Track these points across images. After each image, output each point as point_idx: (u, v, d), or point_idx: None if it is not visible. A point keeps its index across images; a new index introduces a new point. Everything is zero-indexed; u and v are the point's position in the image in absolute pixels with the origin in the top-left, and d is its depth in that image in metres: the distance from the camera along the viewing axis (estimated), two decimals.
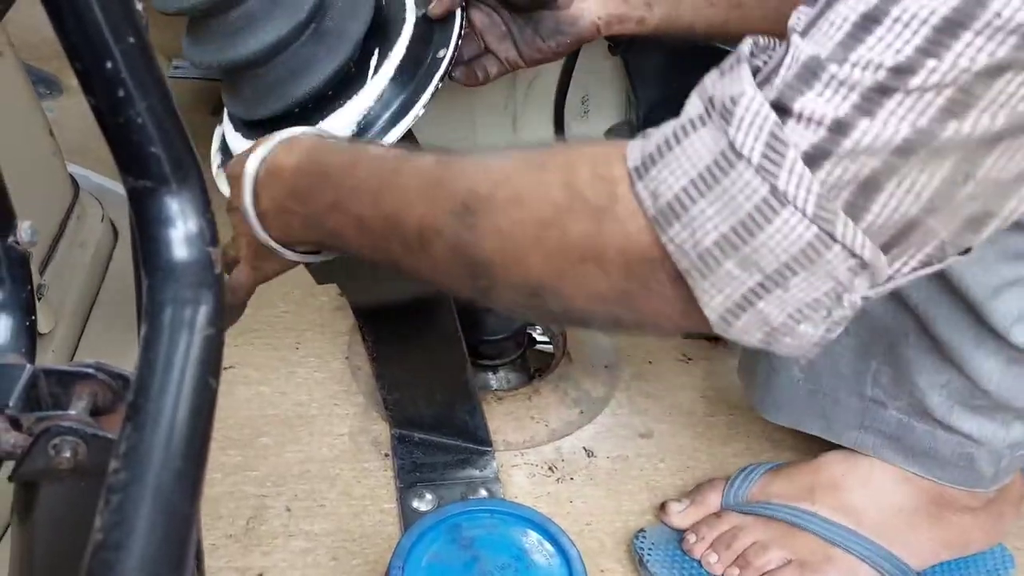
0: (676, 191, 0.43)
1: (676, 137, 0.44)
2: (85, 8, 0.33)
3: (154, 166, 0.37)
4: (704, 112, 0.43)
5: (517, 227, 0.48)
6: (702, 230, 0.43)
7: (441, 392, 0.88)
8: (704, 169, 0.42)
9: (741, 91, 0.42)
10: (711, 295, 0.44)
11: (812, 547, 0.77)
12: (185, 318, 0.36)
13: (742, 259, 0.43)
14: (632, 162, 0.45)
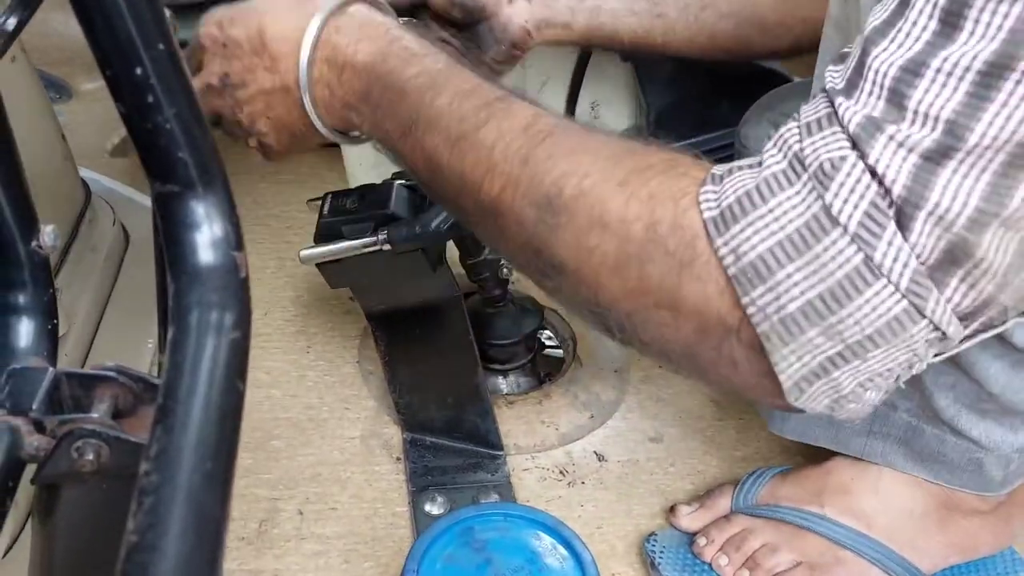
0: (761, 252, 0.42)
1: (760, 194, 0.42)
2: (116, 16, 0.33)
3: (181, 171, 0.37)
4: (790, 169, 0.42)
5: (597, 251, 0.46)
6: (788, 295, 0.42)
7: (453, 396, 0.89)
8: (794, 232, 0.41)
9: (842, 156, 0.41)
10: (789, 362, 0.43)
11: (822, 549, 0.77)
12: (212, 321, 0.36)
13: (827, 327, 0.42)
14: (708, 212, 0.43)
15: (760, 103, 0.90)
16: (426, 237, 0.74)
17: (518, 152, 0.49)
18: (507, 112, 0.51)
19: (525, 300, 0.98)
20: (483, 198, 0.51)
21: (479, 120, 0.51)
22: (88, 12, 0.33)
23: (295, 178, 1.30)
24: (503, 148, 0.50)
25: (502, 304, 0.93)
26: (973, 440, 0.72)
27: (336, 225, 0.75)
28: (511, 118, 0.51)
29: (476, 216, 0.53)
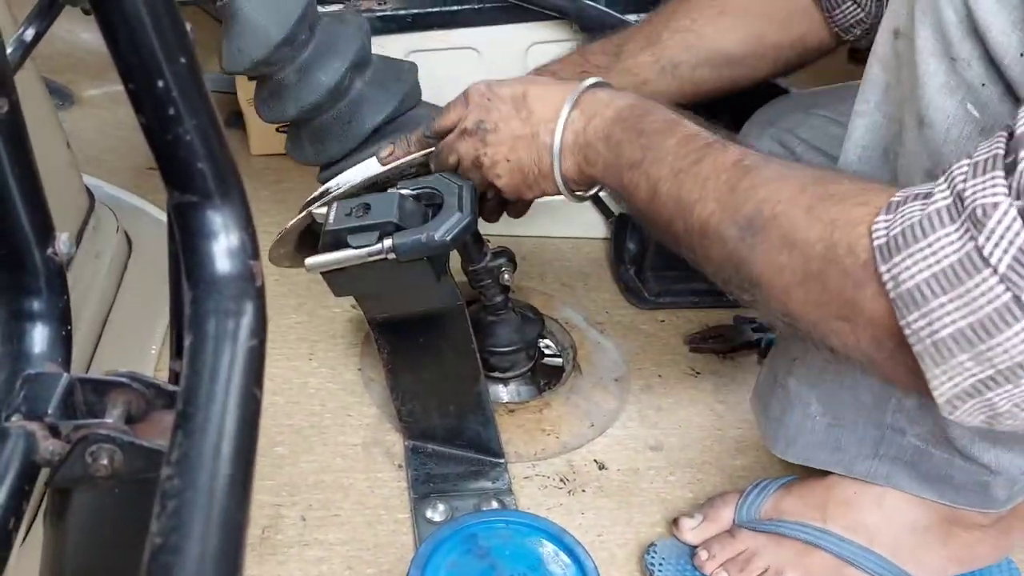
0: (918, 281, 0.47)
1: (923, 228, 0.47)
2: (140, 30, 0.34)
3: (200, 181, 0.38)
4: (952, 207, 0.46)
5: (787, 267, 0.53)
6: (940, 322, 0.46)
7: (455, 404, 0.89)
8: (948, 267, 0.46)
9: (995, 202, 0.44)
10: (941, 381, 0.48)
11: (826, 566, 0.78)
12: (229, 329, 0.37)
13: (977, 354, 0.46)
14: (878, 240, 0.49)
15: (760, 117, 0.91)
16: (431, 247, 0.75)
17: (727, 182, 0.58)
18: (721, 151, 0.60)
19: (526, 308, 0.99)
20: (694, 221, 0.59)
21: (698, 156, 0.61)
22: (113, 26, 0.34)
23: (297, 186, 1.31)
24: (715, 179, 0.59)
25: (503, 312, 0.94)
26: (983, 464, 0.72)
27: (341, 234, 0.76)
28: (724, 155, 0.60)
29: (685, 238, 0.61)
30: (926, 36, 0.57)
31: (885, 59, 0.65)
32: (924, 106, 0.58)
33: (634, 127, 0.66)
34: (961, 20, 0.54)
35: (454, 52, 1.05)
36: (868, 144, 0.68)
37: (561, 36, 1.05)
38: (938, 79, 0.57)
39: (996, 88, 0.54)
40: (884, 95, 0.66)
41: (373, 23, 1.02)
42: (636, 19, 1.02)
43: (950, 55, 0.56)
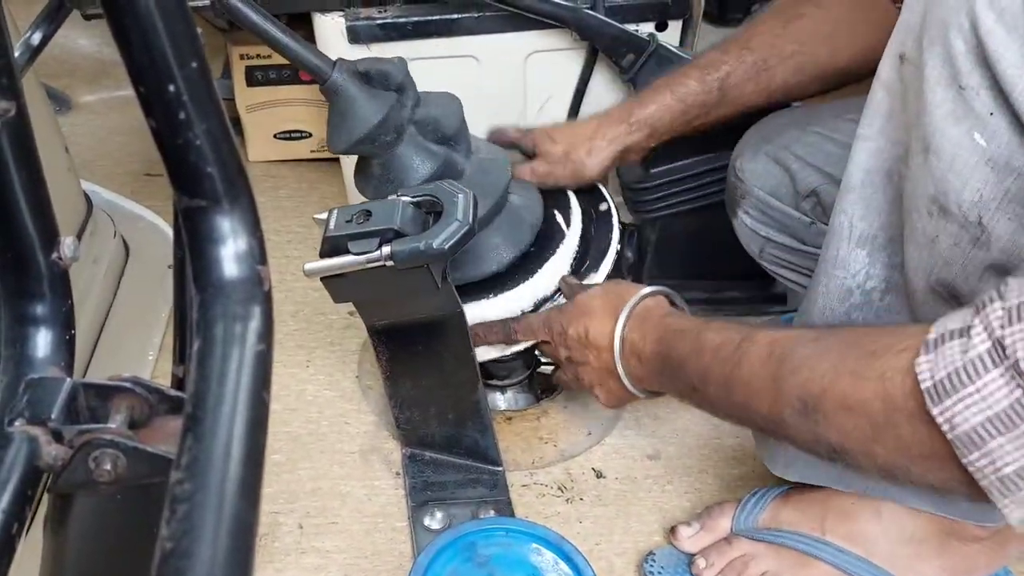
0: (973, 424, 0.50)
1: (968, 373, 0.50)
2: (152, 34, 0.34)
3: (209, 186, 0.38)
4: (994, 352, 0.49)
5: (854, 430, 0.56)
6: (1001, 460, 0.50)
7: (453, 412, 0.89)
8: (1001, 412, 0.49)
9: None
10: (1011, 509, 0.51)
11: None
12: (237, 333, 0.37)
13: None
14: (924, 382, 0.51)
15: (755, 134, 0.91)
16: (429, 254, 0.75)
17: (768, 376, 0.62)
18: (751, 346, 0.64)
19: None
20: (759, 419, 0.64)
21: (737, 363, 0.65)
22: (125, 30, 0.34)
23: (295, 193, 1.31)
24: (759, 380, 0.63)
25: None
26: None
27: (342, 240, 0.76)
28: (757, 348, 0.64)
29: (765, 429, 0.65)
30: (934, 64, 0.57)
31: (890, 84, 0.65)
32: (930, 134, 0.58)
33: (674, 362, 0.72)
34: (971, 50, 0.54)
35: (454, 60, 1.06)
36: (871, 168, 0.67)
37: (560, 45, 1.06)
38: (945, 107, 0.57)
39: (1004, 118, 0.54)
40: (888, 120, 0.66)
41: (373, 30, 1.02)
42: (636, 29, 1.03)
43: (958, 83, 0.56)
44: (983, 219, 0.57)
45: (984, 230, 0.58)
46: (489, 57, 1.06)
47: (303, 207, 1.27)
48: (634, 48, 1.03)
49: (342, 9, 1.03)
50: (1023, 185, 0.55)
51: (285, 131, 1.34)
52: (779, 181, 0.85)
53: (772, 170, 0.85)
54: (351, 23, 1.02)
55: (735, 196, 0.89)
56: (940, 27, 0.56)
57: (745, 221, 0.89)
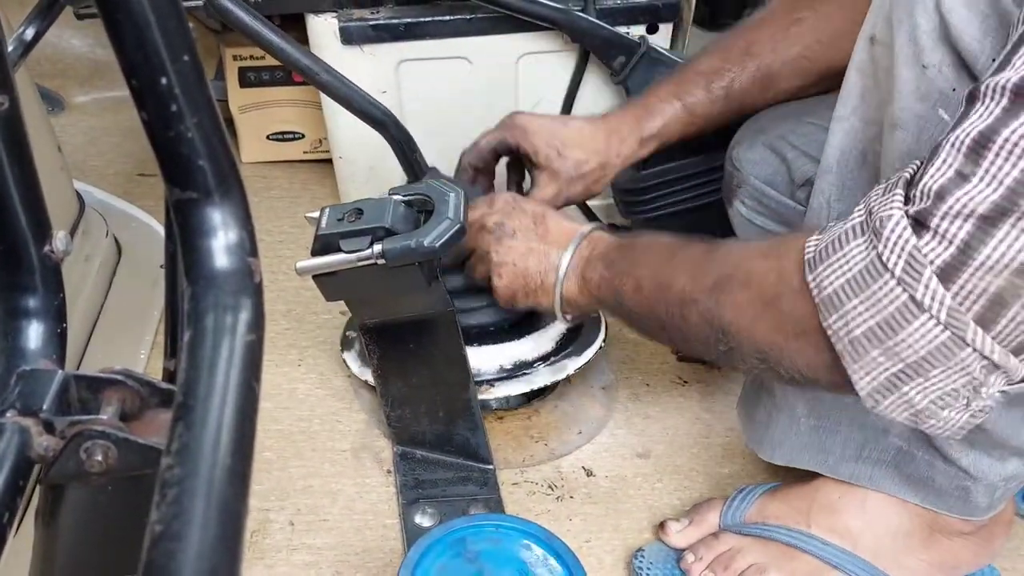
0: (835, 287, 0.53)
1: (840, 241, 0.53)
2: (145, 27, 0.34)
3: (200, 178, 0.38)
4: (864, 222, 0.52)
5: (747, 303, 0.60)
6: (853, 322, 0.52)
7: (444, 410, 0.90)
8: (857, 273, 0.52)
9: (890, 214, 0.50)
10: (859, 376, 0.53)
11: (810, 569, 0.78)
12: (227, 324, 0.37)
13: (886, 349, 0.51)
14: (808, 254, 0.55)
15: (752, 125, 0.92)
16: (420, 252, 0.75)
17: (696, 261, 0.66)
18: (695, 245, 0.68)
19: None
20: (671, 297, 0.66)
21: (673, 251, 0.69)
22: (118, 23, 0.35)
23: (287, 194, 1.32)
24: (687, 263, 0.67)
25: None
26: (962, 468, 0.73)
27: (333, 238, 0.76)
28: (695, 247, 0.68)
29: (666, 316, 0.67)
30: (902, 43, 0.60)
31: (862, 65, 0.68)
32: (898, 110, 0.61)
33: (628, 246, 0.75)
34: (934, 28, 0.57)
35: (445, 61, 1.06)
36: (846, 148, 0.70)
37: (552, 47, 1.06)
38: (911, 85, 0.60)
39: (965, 93, 0.56)
40: (861, 100, 0.68)
41: (366, 32, 1.03)
42: (627, 31, 1.04)
43: (922, 62, 0.58)
44: None
45: None
46: (481, 59, 1.06)
47: (295, 207, 1.27)
48: (625, 50, 1.04)
49: (335, 10, 1.04)
50: None
51: (278, 132, 1.34)
52: (775, 170, 0.86)
53: (768, 159, 0.86)
54: (344, 24, 1.03)
55: (732, 185, 0.90)
56: (906, 7, 0.59)
57: (741, 211, 0.90)
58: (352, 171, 1.17)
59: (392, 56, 1.05)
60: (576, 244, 0.78)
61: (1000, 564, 0.83)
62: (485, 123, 1.10)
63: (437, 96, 1.09)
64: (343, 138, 1.14)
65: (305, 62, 0.88)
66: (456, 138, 1.11)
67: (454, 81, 1.08)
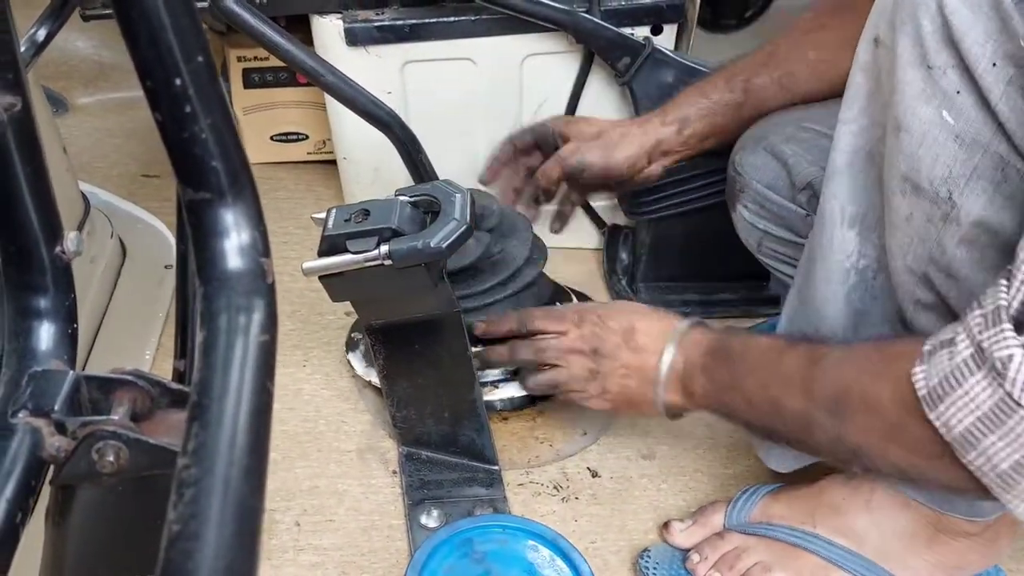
0: (966, 425, 0.53)
1: (955, 379, 0.54)
2: (160, 30, 0.35)
3: (213, 179, 0.38)
4: (975, 358, 0.53)
5: (873, 429, 0.60)
6: (996, 457, 0.53)
7: (449, 411, 0.90)
8: (988, 411, 0.52)
9: (1010, 355, 0.51)
10: (1015, 504, 0.55)
11: (814, 568, 0.78)
12: (241, 324, 0.38)
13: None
14: (920, 391, 0.55)
15: (754, 131, 0.92)
16: (427, 253, 0.76)
17: (805, 377, 0.65)
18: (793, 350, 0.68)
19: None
20: (788, 416, 0.67)
21: (778, 361, 0.68)
22: (132, 25, 0.35)
23: (291, 195, 1.32)
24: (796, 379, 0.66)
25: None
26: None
27: (340, 239, 0.77)
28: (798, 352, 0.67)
29: (786, 432, 0.68)
30: (904, 45, 0.60)
31: (866, 67, 0.68)
32: (901, 113, 0.61)
33: (724, 355, 0.74)
34: (937, 30, 0.57)
35: (451, 62, 1.06)
36: (854, 149, 0.70)
37: (557, 48, 1.07)
38: (915, 87, 0.60)
39: (970, 96, 0.57)
40: (867, 101, 0.68)
41: (371, 33, 1.03)
42: (631, 32, 1.04)
43: (927, 64, 0.58)
44: (953, 195, 0.60)
45: (955, 206, 0.60)
46: (486, 60, 1.07)
47: (300, 208, 1.27)
48: (630, 51, 1.04)
49: (340, 11, 1.04)
50: (990, 161, 0.58)
51: (282, 133, 1.34)
52: (776, 174, 0.86)
53: (770, 164, 0.87)
54: (349, 25, 1.03)
55: (734, 190, 0.91)
56: (910, 8, 0.59)
57: (743, 215, 0.90)
58: (356, 172, 1.17)
59: (397, 57, 1.05)
60: (671, 356, 0.77)
61: (1006, 566, 0.83)
62: (489, 124, 1.11)
63: (442, 97, 1.09)
64: (348, 139, 1.14)
65: (310, 64, 0.88)
66: (461, 139, 1.11)
67: (459, 82, 1.08)
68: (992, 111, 0.56)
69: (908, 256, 0.66)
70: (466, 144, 1.12)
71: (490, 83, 1.08)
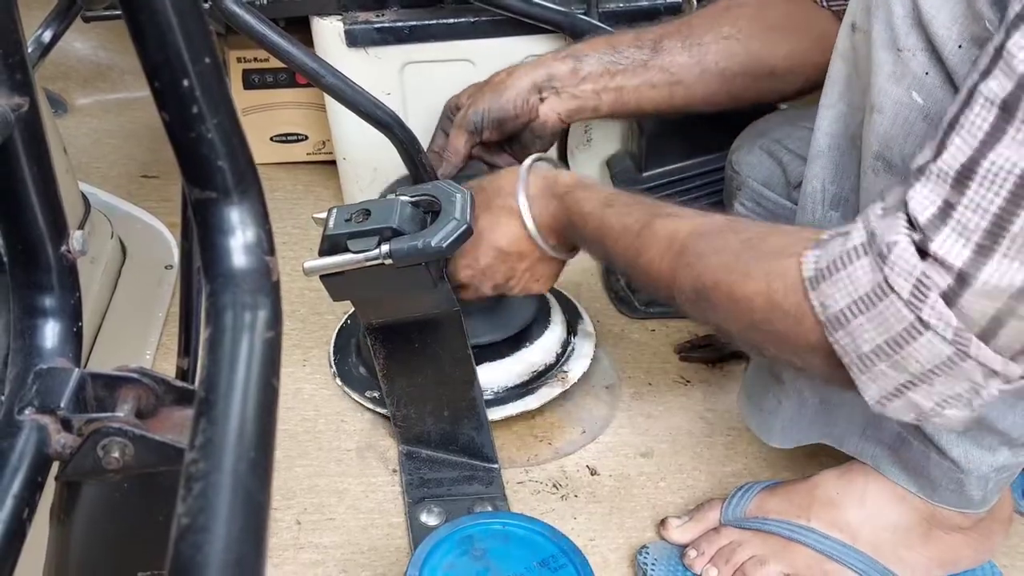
0: (841, 307, 0.55)
1: (843, 261, 0.55)
2: (168, 30, 0.35)
3: (219, 178, 0.39)
4: (865, 244, 0.54)
5: (738, 318, 0.62)
6: (861, 339, 0.55)
7: (449, 409, 0.90)
8: (863, 295, 0.54)
9: (895, 240, 0.52)
10: (867, 385, 0.56)
11: (809, 561, 0.79)
12: (246, 322, 0.38)
13: (893, 363, 0.54)
14: (807, 272, 0.57)
15: (751, 130, 0.93)
16: (427, 253, 0.76)
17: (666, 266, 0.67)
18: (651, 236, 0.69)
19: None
20: (659, 295, 0.70)
21: (636, 249, 0.70)
22: (141, 27, 0.35)
23: (290, 196, 1.32)
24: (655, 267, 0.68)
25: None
26: (953, 460, 0.74)
27: (341, 238, 0.77)
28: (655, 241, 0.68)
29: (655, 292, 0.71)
30: (878, 29, 0.62)
31: (845, 53, 0.70)
32: (875, 94, 0.63)
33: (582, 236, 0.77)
34: (907, 13, 0.59)
35: (450, 64, 1.07)
36: (835, 133, 0.72)
37: (555, 49, 1.07)
38: (887, 68, 0.62)
39: (938, 77, 0.59)
40: (846, 86, 0.70)
41: (371, 34, 1.04)
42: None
43: (897, 46, 0.61)
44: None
45: None
46: (485, 61, 1.07)
47: (299, 209, 1.28)
48: None
49: (340, 13, 1.05)
50: None
51: (281, 134, 1.35)
52: (772, 172, 0.87)
53: (765, 162, 0.88)
54: (349, 27, 1.03)
55: (732, 188, 0.92)
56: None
57: (740, 212, 0.91)
58: (356, 173, 1.18)
59: (397, 59, 1.06)
60: (542, 242, 0.80)
61: (1000, 561, 0.84)
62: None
63: (441, 98, 1.09)
64: (347, 140, 1.14)
65: (311, 65, 0.88)
66: None
67: (458, 83, 1.08)
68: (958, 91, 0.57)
69: None
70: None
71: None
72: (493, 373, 0.95)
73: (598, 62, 0.90)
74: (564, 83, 0.91)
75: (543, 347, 0.97)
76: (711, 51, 0.89)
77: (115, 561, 0.52)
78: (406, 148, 0.92)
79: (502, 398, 0.95)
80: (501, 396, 0.95)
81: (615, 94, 0.91)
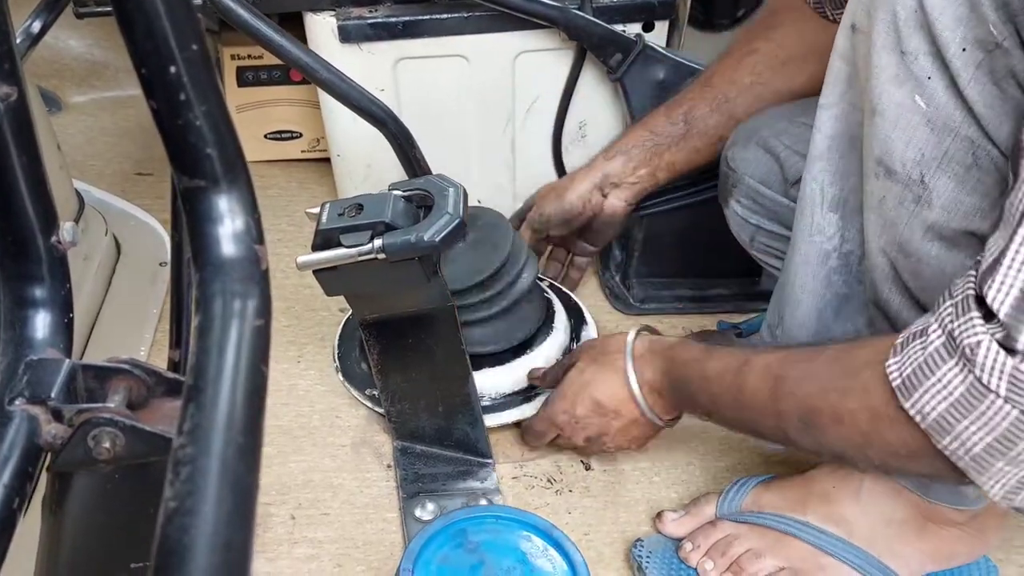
0: (940, 412, 0.55)
1: (929, 367, 0.55)
2: (155, 18, 0.35)
3: (208, 166, 0.39)
4: (946, 346, 0.54)
5: (849, 439, 0.62)
6: (969, 441, 0.55)
7: (444, 404, 0.90)
8: (960, 397, 0.54)
9: (978, 340, 0.52)
10: (990, 485, 0.56)
11: (804, 555, 0.79)
12: (236, 309, 0.38)
13: (1009, 459, 0.54)
14: (894, 382, 0.57)
15: (745, 126, 0.93)
16: (420, 247, 0.76)
17: (769, 399, 0.68)
18: (749, 372, 0.70)
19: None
20: (768, 434, 0.71)
21: (738, 387, 0.71)
22: (128, 14, 0.35)
23: (284, 192, 1.32)
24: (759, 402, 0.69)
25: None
26: None
27: (334, 233, 0.77)
28: (753, 376, 0.70)
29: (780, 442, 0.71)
30: (879, 31, 0.61)
31: (845, 53, 0.70)
32: (876, 96, 0.63)
33: (685, 383, 0.78)
34: (911, 16, 0.59)
35: (443, 59, 1.07)
36: (835, 133, 0.72)
37: (549, 45, 1.07)
38: (889, 71, 0.61)
39: (941, 81, 0.59)
40: (846, 86, 0.70)
41: (364, 30, 1.04)
42: (623, 29, 1.05)
43: (900, 49, 0.60)
44: (925, 177, 0.61)
45: (926, 188, 0.61)
46: (478, 57, 1.07)
47: (293, 206, 1.28)
48: (622, 48, 1.05)
49: (333, 9, 1.04)
50: (961, 145, 0.59)
51: (275, 131, 1.35)
52: (768, 169, 0.87)
53: (762, 159, 0.88)
54: (342, 22, 1.03)
55: (727, 185, 0.92)
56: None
57: (736, 210, 0.91)
58: (350, 169, 1.18)
59: (390, 54, 1.06)
60: (645, 405, 0.82)
61: (994, 556, 0.84)
62: (482, 120, 1.12)
63: (435, 94, 1.10)
64: (341, 136, 1.14)
65: (305, 60, 0.88)
66: (453, 135, 1.12)
67: (452, 79, 1.08)
68: (961, 95, 0.58)
69: (881, 239, 0.67)
70: (458, 140, 1.12)
71: (483, 80, 1.09)
72: (493, 379, 0.94)
73: (643, 150, 0.99)
74: (621, 177, 1.01)
75: (544, 353, 0.96)
76: (739, 105, 0.94)
77: (107, 552, 0.52)
78: (400, 143, 0.92)
79: (500, 404, 0.94)
80: (499, 403, 0.94)
81: (668, 169, 1.00)
